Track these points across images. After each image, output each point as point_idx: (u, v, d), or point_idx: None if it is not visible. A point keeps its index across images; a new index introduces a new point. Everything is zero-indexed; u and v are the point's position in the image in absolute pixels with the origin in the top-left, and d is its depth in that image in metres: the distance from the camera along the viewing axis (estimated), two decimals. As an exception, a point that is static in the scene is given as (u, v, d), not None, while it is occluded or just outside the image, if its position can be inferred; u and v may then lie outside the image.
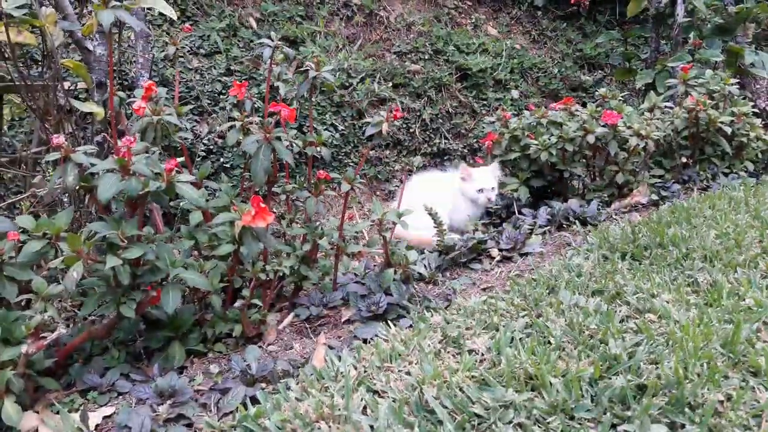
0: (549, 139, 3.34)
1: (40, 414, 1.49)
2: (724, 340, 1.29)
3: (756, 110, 4.05)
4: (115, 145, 1.86)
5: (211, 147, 3.68)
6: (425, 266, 2.47)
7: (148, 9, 3.80)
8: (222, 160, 3.69)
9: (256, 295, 2.05)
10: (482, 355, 1.33)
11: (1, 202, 2.09)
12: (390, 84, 5.12)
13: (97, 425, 1.45)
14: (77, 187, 1.74)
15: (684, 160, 3.79)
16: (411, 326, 1.63)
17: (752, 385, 1.14)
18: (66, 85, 2.71)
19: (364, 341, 1.80)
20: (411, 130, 5.06)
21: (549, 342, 1.35)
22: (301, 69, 2.49)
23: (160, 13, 3.79)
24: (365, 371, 1.28)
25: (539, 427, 1.04)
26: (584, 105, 3.58)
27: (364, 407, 1.13)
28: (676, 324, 1.40)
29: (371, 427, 1.04)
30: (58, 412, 1.46)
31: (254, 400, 1.48)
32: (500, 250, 2.76)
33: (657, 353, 1.25)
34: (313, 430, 1.04)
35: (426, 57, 5.54)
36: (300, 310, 2.19)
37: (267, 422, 1.09)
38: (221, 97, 4.07)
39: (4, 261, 1.64)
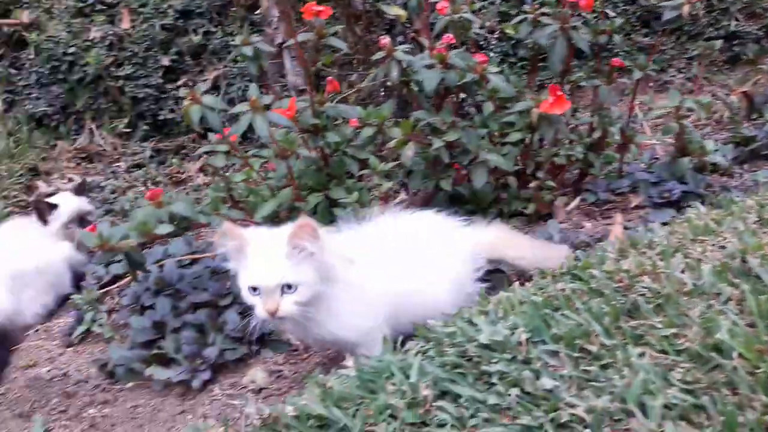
0: None
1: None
2: None
3: None
4: (429, 43, 2.10)
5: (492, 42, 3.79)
6: (723, 157, 2.37)
7: None
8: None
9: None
10: (805, 236, 1.32)
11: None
12: (672, -40, 4.62)
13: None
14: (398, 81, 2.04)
15: None
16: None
17: None
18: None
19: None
20: (692, 12, 4.55)
21: None
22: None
23: None
24: (679, 242, 1.37)
25: None
26: None
27: (682, 270, 1.24)
28: None
29: (694, 284, 1.16)
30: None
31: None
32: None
33: None
34: (638, 283, 1.20)
35: None
36: (586, 195, 2.31)
37: (595, 272, 1.27)
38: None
39: (349, 143, 2.04)
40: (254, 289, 1.41)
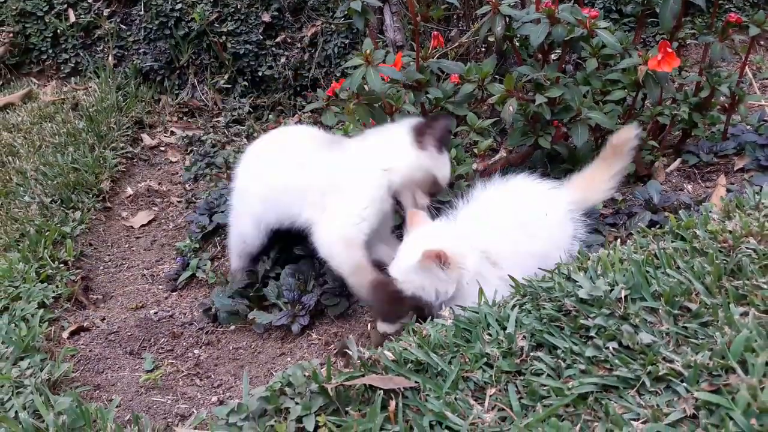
0: None
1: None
2: None
3: None
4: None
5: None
6: None
7: None
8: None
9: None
10: None
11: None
12: None
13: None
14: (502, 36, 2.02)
15: None
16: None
17: None
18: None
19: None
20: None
21: None
22: None
23: None
24: (788, 205, 1.33)
25: None
26: None
27: (792, 233, 1.21)
28: None
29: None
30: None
31: (653, 224, 1.68)
32: None
33: None
34: (743, 244, 1.18)
35: None
36: (687, 156, 2.23)
37: (698, 231, 1.26)
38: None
39: (448, 99, 2.05)
40: None
